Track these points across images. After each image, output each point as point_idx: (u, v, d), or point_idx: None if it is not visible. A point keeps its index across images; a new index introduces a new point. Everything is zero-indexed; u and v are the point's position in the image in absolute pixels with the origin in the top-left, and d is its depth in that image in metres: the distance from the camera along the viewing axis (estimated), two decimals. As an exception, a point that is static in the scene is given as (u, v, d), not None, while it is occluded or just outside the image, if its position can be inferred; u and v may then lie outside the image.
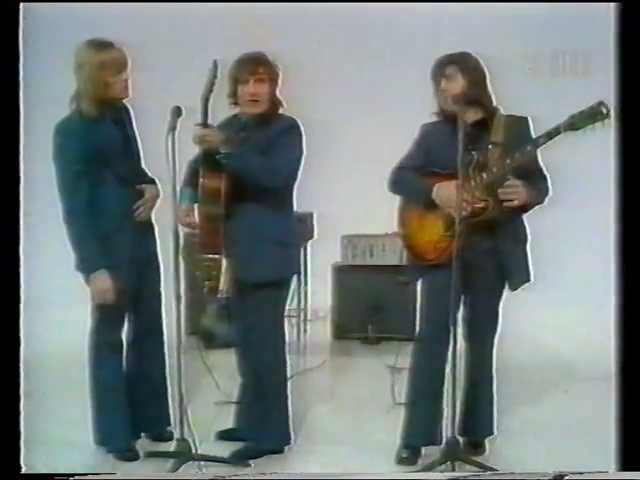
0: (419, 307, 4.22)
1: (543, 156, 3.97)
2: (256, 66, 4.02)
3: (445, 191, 3.94)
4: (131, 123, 4.15)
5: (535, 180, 3.96)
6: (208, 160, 3.95)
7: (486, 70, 4.01)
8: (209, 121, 3.98)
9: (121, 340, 4.16)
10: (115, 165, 4.03)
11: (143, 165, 4.20)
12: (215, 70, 3.94)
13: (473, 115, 3.98)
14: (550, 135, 3.80)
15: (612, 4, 3.81)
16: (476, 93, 3.96)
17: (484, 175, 3.92)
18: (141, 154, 4.18)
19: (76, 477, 3.66)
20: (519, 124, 4.01)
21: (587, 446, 4.10)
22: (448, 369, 3.91)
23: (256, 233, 4.04)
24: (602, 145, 3.96)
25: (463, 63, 3.97)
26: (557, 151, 3.93)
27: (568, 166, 5.61)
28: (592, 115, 3.68)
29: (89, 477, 3.73)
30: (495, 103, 4.04)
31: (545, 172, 4.02)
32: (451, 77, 3.94)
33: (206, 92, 3.94)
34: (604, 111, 3.66)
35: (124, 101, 4.11)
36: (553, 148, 3.87)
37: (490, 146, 3.93)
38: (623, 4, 3.79)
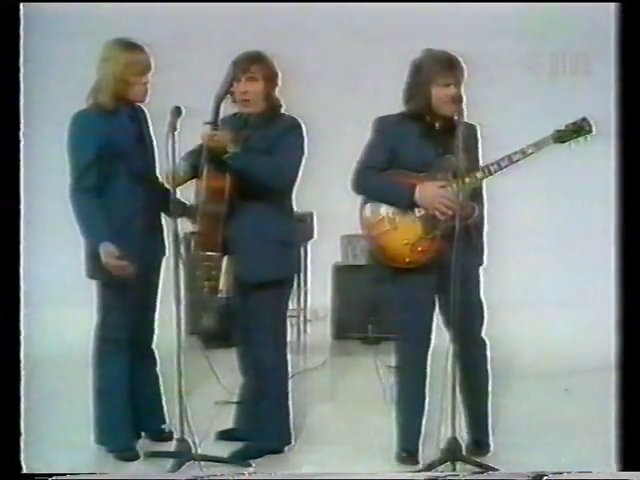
0: (398, 309, 4.14)
1: (547, 156, 3.97)
2: (248, 65, 4.02)
3: (429, 192, 3.91)
4: (147, 123, 4.18)
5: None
6: (213, 159, 3.93)
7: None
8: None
9: (126, 338, 4.13)
10: (128, 159, 4.05)
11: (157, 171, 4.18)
12: (233, 72, 3.97)
13: (444, 118, 3.94)
14: (538, 145, 3.90)
15: (612, 4, 3.81)
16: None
17: (467, 180, 3.90)
18: (156, 156, 4.17)
19: (76, 477, 3.66)
20: (471, 130, 4.02)
21: (588, 445, 4.11)
22: (439, 370, 3.89)
23: (258, 233, 4.03)
24: (603, 147, 3.99)
25: (459, 64, 3.93)
26: (558, 153, 3.95)
27: (570, 168, 5.64)
28: (576, 130, 3.91)
29: (89, 477, 3.73)
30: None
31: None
32: (455, 79, 3.89)
33: (221, 92, 3.97)
34: (586, 127, 3.92)
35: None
36: (556, 151, 3.93)
37: (460, 151, 3.84)
38: (623, 4, 3.79)
